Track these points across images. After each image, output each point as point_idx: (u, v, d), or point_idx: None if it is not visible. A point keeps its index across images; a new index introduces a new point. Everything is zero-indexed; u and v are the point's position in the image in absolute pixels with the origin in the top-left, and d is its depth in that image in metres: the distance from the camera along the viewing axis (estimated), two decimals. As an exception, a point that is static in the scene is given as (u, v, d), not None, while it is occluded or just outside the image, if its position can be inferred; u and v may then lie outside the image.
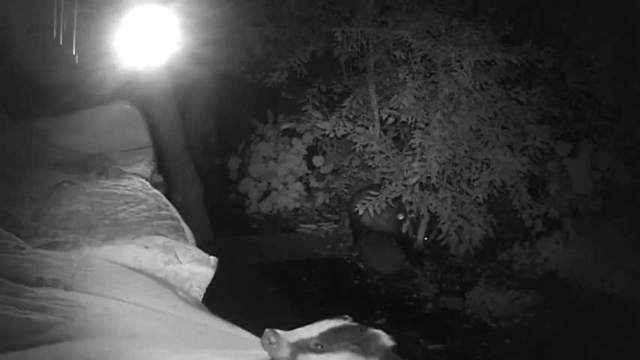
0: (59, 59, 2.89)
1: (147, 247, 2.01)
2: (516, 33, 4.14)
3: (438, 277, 3.84)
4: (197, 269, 2.02)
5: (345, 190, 5.00)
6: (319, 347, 1.35)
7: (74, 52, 2.78)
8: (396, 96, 3.94)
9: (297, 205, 5.21)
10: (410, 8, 4.10)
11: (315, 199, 5.22)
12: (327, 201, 5.18)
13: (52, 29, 2.76)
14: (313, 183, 5.32)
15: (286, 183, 5.23)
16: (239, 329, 1.65)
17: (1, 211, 2.19)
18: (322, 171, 5.25)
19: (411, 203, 3.90)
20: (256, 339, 1.50)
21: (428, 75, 4.03)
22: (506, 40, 3.99)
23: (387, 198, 3.82)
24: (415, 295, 3.81)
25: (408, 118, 3.87)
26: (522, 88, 3.92)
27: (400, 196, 3.85)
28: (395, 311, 3.60)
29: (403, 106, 3.86)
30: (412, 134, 3.88)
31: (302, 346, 1.35)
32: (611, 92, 3.93)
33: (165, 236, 2.18)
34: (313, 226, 4.87)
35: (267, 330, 1.36)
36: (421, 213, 3.92)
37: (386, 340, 1.41)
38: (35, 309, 1.44)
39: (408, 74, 3.95)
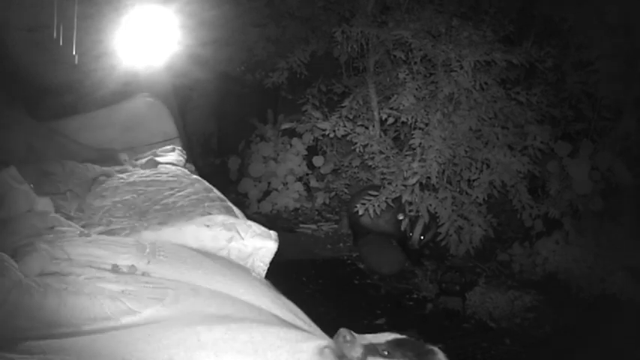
0: (59, 59, 2.90)
1: (208, 226, 1.97)
2: (516, 33, 4.14)
3: (438, 277, 3.84)
4: (260, 244, 2.00)
5: (345, 190, 5.00)
6: (386, 353, 1.42)
7: (74, 53, 2.79)
8: (396, 96, 3.94)
9: (297, 205, 5.21)
10: (410, 8, 4.10)
11: (315, 199, 5.22)
12: (327, 201, 5.18)
13: (52, 29, 2.76)
14: (313, 183, 5.32)
15: (286, 183, 5.23)
16: (313, 326, 1.68)
17: None
18: (322, 171, 5.24)
19: (410, 203, 3.90)
20: (327, 338, 1.53)
21: (428, 75, 4.03)
22: (506, 40, 3.99)
23: (386, 198, 3.83)
24: (415, 295, 3.81)
25: (408, 118, 3.88)
26: (522, 88, 3.92)
27: (400, 196, 3.85)
28: (395, 311, 3.60)
29: (403, 106, 3.86)
30: (412, 134, 3.88)
31: (372, 350, 1.42)
32: (611, 92, 3.93)
33: (223, 214, 2.16)
34: (313, 226, 4.87)
35: (342, 329, 1.42)
36: (420, 213, 3.92)
37: (442, 357, 1.53)
38: (123, 293, 1.42)
39: (408, 74, 3.96)
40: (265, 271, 1.99)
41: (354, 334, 1.43)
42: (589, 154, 3.98)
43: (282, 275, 3.94)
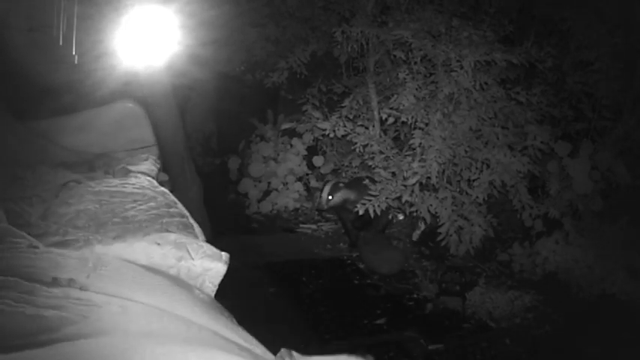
0: (59, 59, 2.89)
1: (158, 244, 1.97)
2: (516, 33, 4.14)
3: (438, 277, 3.84)
4: (209, 265, 1.98)
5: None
6: None
7: (74, 53, 2.78)
8: (396, 96, 3.94)
9: (297, 205, 5.21)
10: (410, 8, 4.10)
11: (315, 199, 5.22)
12: (327, 201, 5.17)
13: (52, 29, 2.76)
14: (313, 183, 5.31)
15: (286, 183, 5.23)
16: (255, 343, 1.64)
17: (10, 211, 2.18)
18: (322, 171, 5.24)
19: (412, 204, 3.91)
20: (270, 357, 1.48)
21: (428, 75, 4.03)
22: (506, 40, 3.99)
23: (386, 198, 3.83)
24: (415, 295, 3.81)
25: (408, 118, 3.88)
26: (522, 88, 3.92)
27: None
28: (395, 311, 3.60)
29: (403, 106, 3.86)
30: (412, 134, 3.88)
31: None
32: (611, 92, 3.93)
33: (177, 233, 2.18)
34: (313, 226, 4.87)
35: (283, 350, 1.33)
36: (421, 213, 3.92)
37: None
38: (50, 307, 1.40)
39: (408, 74, 3.96)
40: (214, 292, 1.99)
41: (295, 355, 1.35)
42: (589, 154, 3.98)
43: (283, 275, 3.97)
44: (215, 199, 4.62)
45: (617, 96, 3.95)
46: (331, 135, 4.30)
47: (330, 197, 4.08)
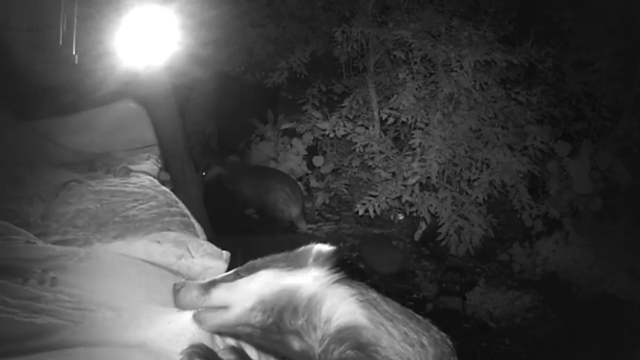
0: (59, 59, 2.89)
1: (159, 242, 1.98)
2: (516, 33, 4.15)
3: (438, 277, 3.84)
4: (210, 263, 1.99)
5: (345, 191, 5.00)
6: (239, 275, 1.29)
7: (74, 53, 2.78)
8: (396, 96, 3.95)
9: (297, 205, 5.19)
10: (410, 8, 4.11)
11: (315, 199, 5.22)
12: (327, 201, 5.18)
13: (52, 29, 2.76)
14: (313, 183, 5.31)
15: (286, 183, 5.22)
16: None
17: (9, 211, 2.17)
18: (322, 171, 5.24)
19: (412, 204, 3.91)
20: None
21: (428, 75, 4.04)
22: (506, 40, 3.99)
23: (386, 198, 3.83)
24: (415, 295, 3.81)
25: (408, 118, 3.88)
26: (522, 88, 3.93)
27: None
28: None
29: (403, 106, 3.87)
30: (412, 134, 3.88)
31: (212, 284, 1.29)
32: (611, 92, 3.93)
33: (177, 232, 2.18)
34: (313, 226, 4.87)
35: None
36: (421, 214, 3.92)
37: (320, 249, 1.29)
38: (38, 311, 1.38)
39: (408, 74, 3.96)
40: None
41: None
42: (589, 154, 3.98)
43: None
44: (215, 199, 4.63)
45: (617, 96, 3.95)
46: (331, 135, 4.31)
47: None
